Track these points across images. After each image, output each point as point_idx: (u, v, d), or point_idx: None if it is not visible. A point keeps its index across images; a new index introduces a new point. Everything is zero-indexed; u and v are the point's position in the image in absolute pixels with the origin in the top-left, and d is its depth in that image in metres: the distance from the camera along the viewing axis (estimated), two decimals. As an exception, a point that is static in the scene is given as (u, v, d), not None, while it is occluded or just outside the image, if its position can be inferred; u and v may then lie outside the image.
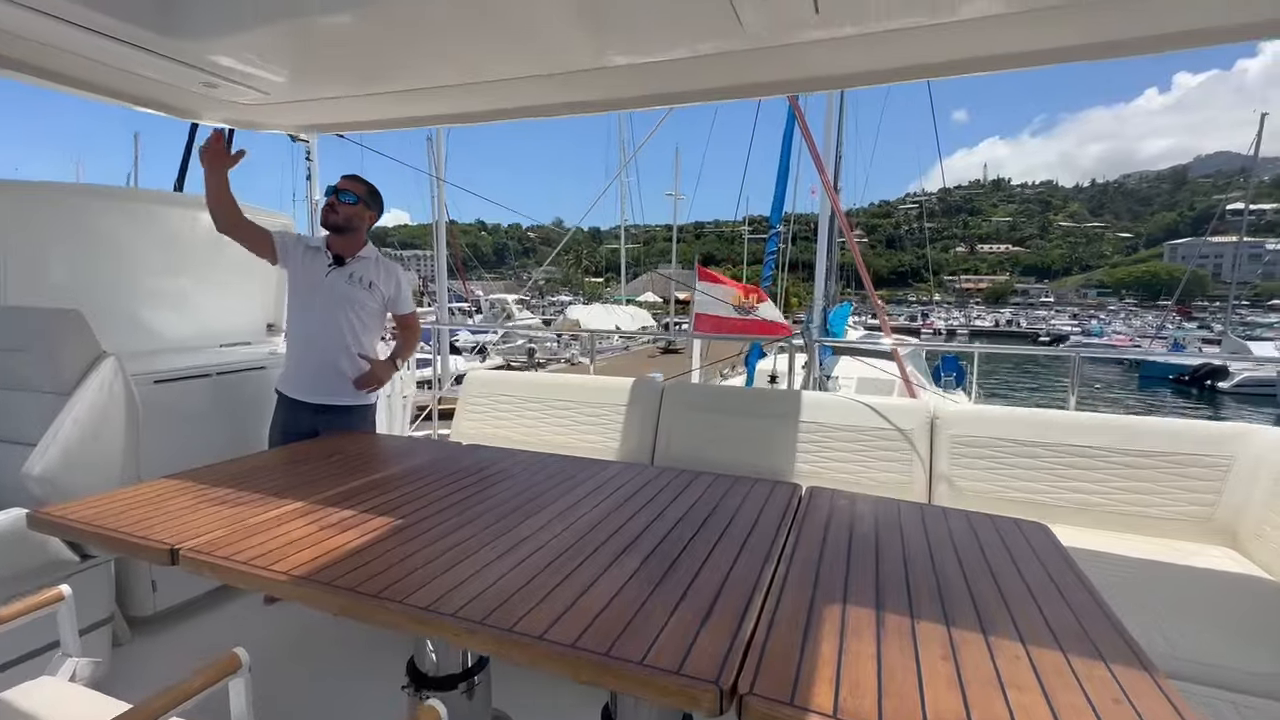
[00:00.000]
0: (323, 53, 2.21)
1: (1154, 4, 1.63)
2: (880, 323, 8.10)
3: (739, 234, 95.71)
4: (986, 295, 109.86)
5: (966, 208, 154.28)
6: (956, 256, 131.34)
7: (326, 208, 2.43)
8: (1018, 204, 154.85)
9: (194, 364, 2.62)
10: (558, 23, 1.88)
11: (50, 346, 1.95)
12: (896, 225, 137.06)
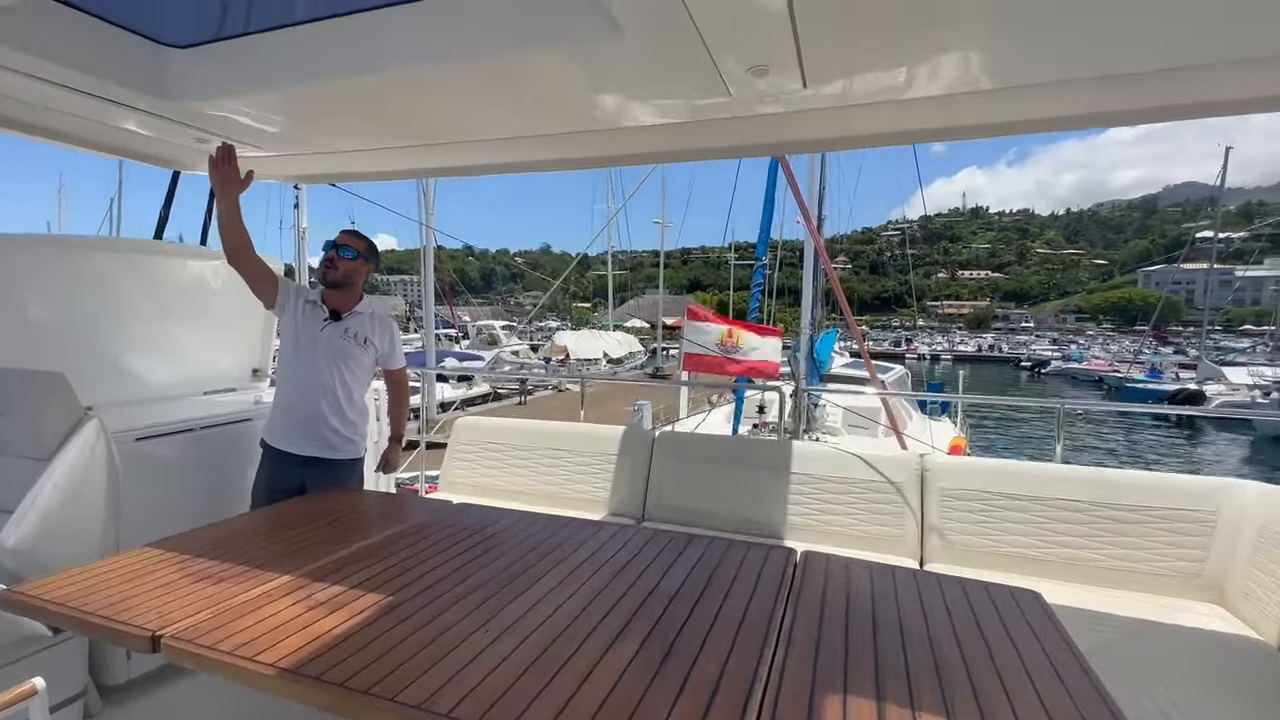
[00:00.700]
0: (316, 112, 2.24)
1: (1118, 83, 1.71)
2: (863, 358, 8.19)
3: (725, 260, 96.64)
4: (968, 320, 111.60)
5: (947, 235, 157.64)
6: (939, 282, 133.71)
7: (326, 264, 2.43)
8: (996, 231, 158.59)
9: (177, 418, 2.57)
10: (551, 91, 1.92)
11: (32, 410, 1.91)
12: (880, 251, 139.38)
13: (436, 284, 17.23)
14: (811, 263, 8.87)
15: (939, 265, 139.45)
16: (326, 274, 2.44)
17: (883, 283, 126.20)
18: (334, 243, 2.46)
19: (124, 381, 2.88)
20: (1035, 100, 1.84)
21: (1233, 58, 1.54)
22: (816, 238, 7.49)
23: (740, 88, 1.77)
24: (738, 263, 50.25)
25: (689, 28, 1.46)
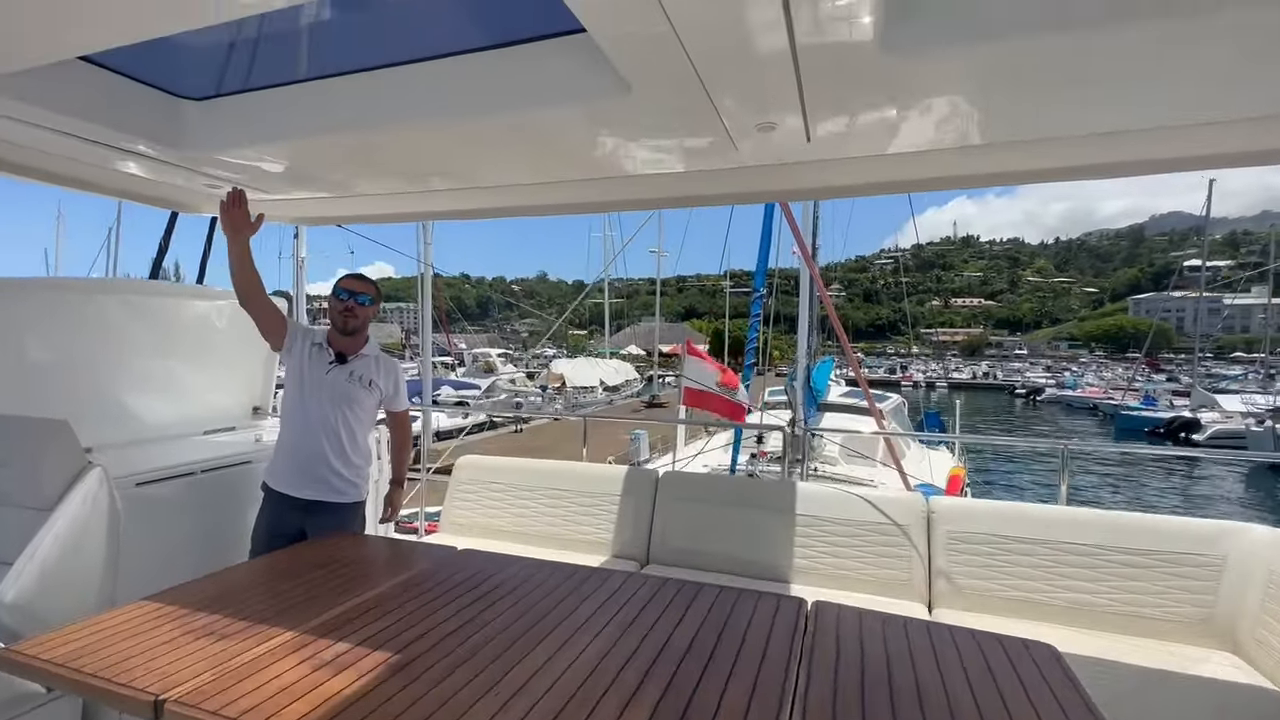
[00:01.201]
0: (324, 162, 2.28)
1: (1103, 139, 1.77)
2: (861, 388, 8.21)
3: (720, 288, 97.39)
4: (963, 347, 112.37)
5: (939, 263, 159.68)
6: (932, 310, 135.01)
7: (347, 313, 2.42)
8: (987, 260, 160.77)
9: (177, 461, 2.55)
10: (557, 144, 1.96)
11: (34, 460, 1.89)
12: (873, 280, 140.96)
13: (433, 312, 17.32)
14: (807, 293, 8.97)
15: (932, 293, 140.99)
16: (347, 322, 2.43)
17: (877, 310, 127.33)
18: (349, 291, 2.44)
19: (124, 422, 2.87)
20: (1025, 153, 1.90)
21: (1213, 119, 1.62)
22: (813, 267, 7.57)
23: (746, 142, 1.82)
24: (733, 290, 50.70)
25: (697, 87, 1.50)
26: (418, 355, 18.65)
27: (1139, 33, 1.24)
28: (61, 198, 37.24)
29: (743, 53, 1.33)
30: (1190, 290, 76.50)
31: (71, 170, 2.28)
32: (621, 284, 49.63)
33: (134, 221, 24.33)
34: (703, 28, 1.24)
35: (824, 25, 1.22)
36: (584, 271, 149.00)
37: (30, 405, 2.30)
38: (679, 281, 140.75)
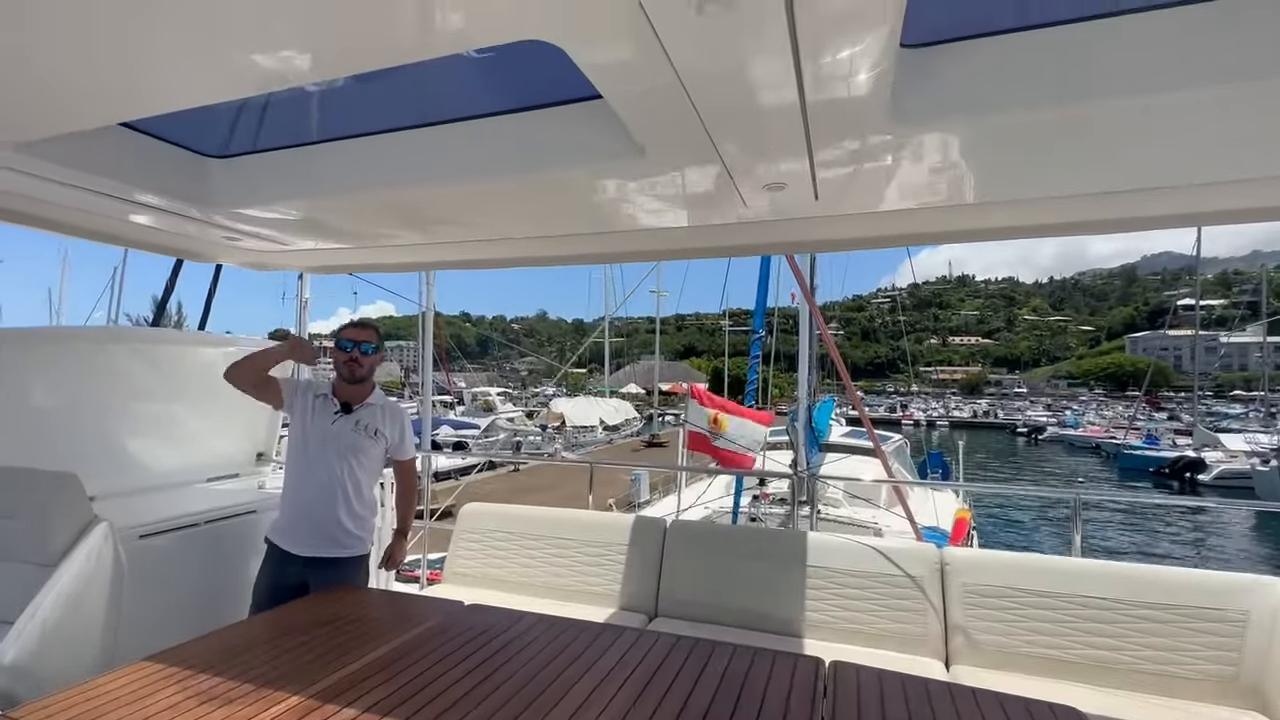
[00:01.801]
0: (343, 217, 2.33)
1: (1095, 198, 1.83)
2: (865, 428, 8.17)
3: (720, 326, 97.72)
4: (962, 386, 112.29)
5: (935, 302, 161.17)
6: (930, 348, 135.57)
7: (351, 362, 2.41)
8: (983, 299, 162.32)
9: (181, 511, 2.52)
10: (570, 201, 2.02)
11: (42, 514, 1.88)
12: (871, 319, 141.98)
13: (433, 350, 17.38)
14: (807, 332, 9.02)
15: (930, 332, 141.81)
16: (353, 372, 2.42)
17: (875, 349, 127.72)
18: (353, 341, 2.43)
19: (128, 469, 2.85)
20: (1021, 210, 1.97)
21: (1200, 180, 1.69)
22: (814, 306, 7.63)
23: (756, 201, 1.87)
24: (732, 329, 50.93)
25: (710, 151, 1.55)
26: (417, 394, 18.55)
27: (1129, 104, 1.30)
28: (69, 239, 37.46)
29: (756, 122, 1.39)
30: (1186, 328, 77.05)
31: (96, 224, 2.33)
32: (621, 322, 50.04)
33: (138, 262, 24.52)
34: (717, 96, 1.30)
35: (837, 101, 1.28)
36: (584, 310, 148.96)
37: (37, 453, 2.29)
38: (678, 320, 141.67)
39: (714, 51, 1.11)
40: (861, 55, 1.11)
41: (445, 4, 1.03)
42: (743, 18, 1.00)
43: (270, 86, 1.33)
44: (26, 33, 1.13)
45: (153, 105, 1.46)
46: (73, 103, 1.44)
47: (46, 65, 1.27)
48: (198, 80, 1.35)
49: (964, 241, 2.26)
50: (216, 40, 1.16)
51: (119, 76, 1.33)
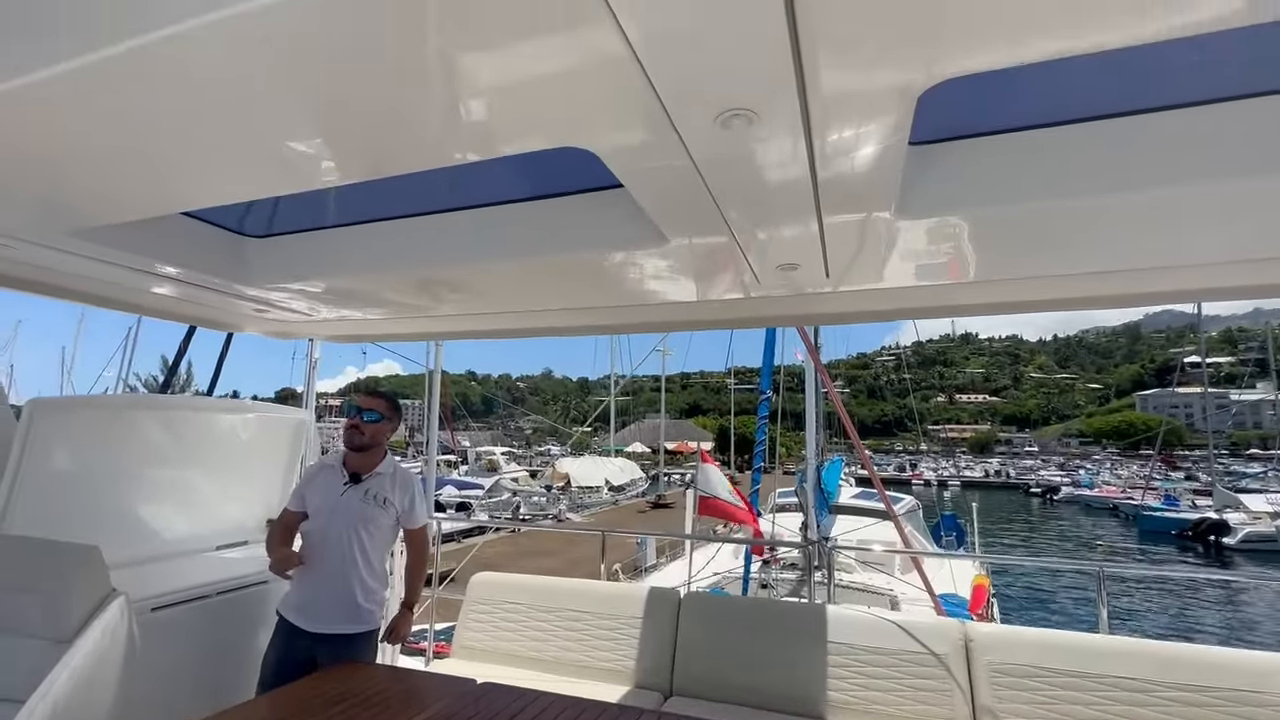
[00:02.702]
0: (369, 293, 2.43)
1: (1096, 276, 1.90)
2: (875, 488, 8.04)
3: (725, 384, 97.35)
4: (971, 444, 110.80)
5: (940, 359, 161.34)
6: (937, 406, 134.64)
7: (351, 429, 2.43)
8: (988, 356, 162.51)
9: (193, 583, 2.50)
10: (590, 280, 2.10)
11: (61, 588, 1.87)
12: (876, 376, 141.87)
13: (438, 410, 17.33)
14: (814, 392, 9.02)
15: (936, 389, 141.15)
16: (352, 438, 2.43)
17: (881, 407, 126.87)
18: (356, 406, 2.45)
19: (142, 537, 2.84)
20: (1024, 287, 2.05)
21: (1199, 261, 1.76)
22: (819, 365, 7.67)
23: (769, 280, 1.95)
24: (737, 387, 50.88)
25: (728, 237, 1.64)
26: (421, 453, 18.40)
27: (1128, 199, 1.38)
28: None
29: (772, 212, 1.47)
30: (1195, 386, 76.47)
31: (135, 298, 2.43)
32: (626, 380, 50.19)
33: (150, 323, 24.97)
34: (736, 190, 1.39)
35: (849, 193, 1.37)
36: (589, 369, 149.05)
37: (57, 520, 2.31)
38: (683, 378, 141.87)
39: (734, 154, 1.20)
40: (872, 155, 1.20)
41: (489, 117, 1.12)
42: (762, 128, 1.09)
43: (315, 185, 1.44)
44: (94, 133, 1.24)
45: (205, 200, 1.57)
46: (132, 196, 1.55)
47: (111, 163, 1.38)
48: (246, 178, 1.46)
49: (969, 315, 2.32)
50: (268, 145, 1.27)
51: (177, 174, 1.44)
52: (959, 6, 0.81)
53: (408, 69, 0.98)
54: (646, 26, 0.82)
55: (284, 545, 2.40)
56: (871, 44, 0.88)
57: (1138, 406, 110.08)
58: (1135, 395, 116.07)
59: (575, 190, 1.81)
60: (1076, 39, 0.88)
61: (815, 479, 8.07)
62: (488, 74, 0.98)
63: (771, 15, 0.79)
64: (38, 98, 1.08)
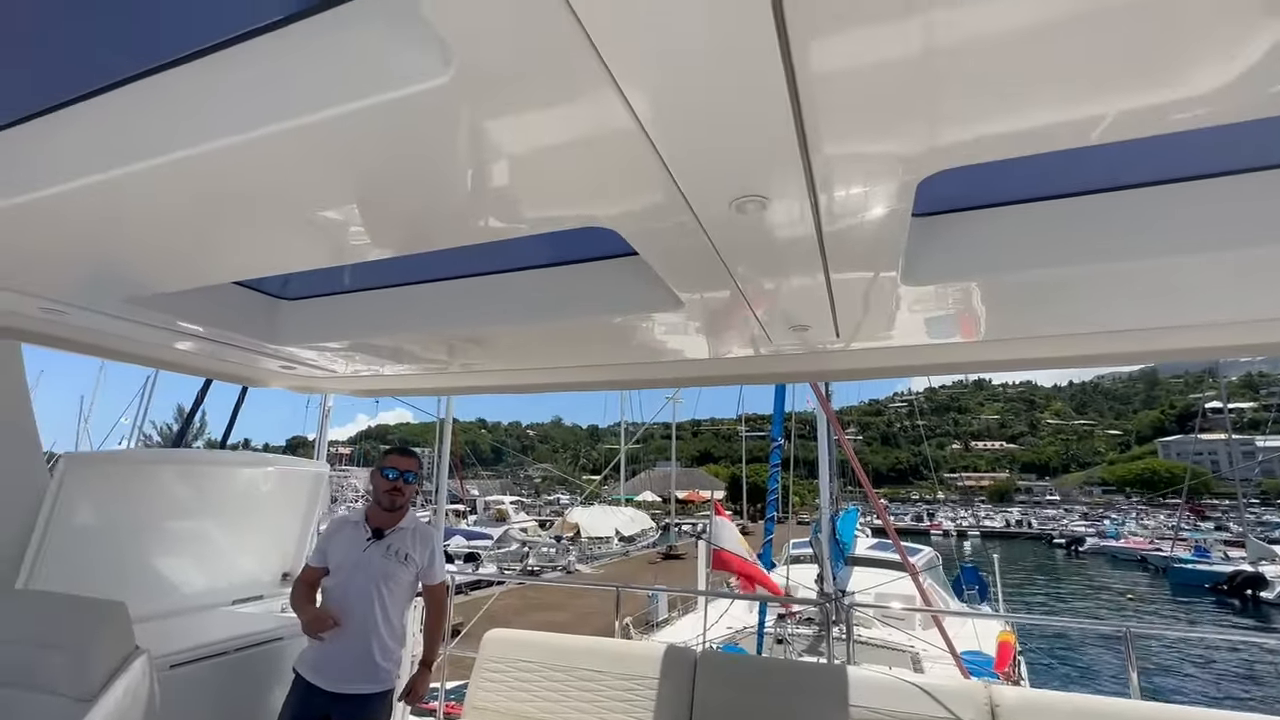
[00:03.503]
0: (392, 352, 2.52)
1: (1105, 335, 1.94)
2: (894, 545, 7.86)
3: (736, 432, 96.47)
4: (990, 493, 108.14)
5: (954, 406, 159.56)
6: (953, 453, 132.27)
7: (394, 493, 2.48)
8: (1002, 402, 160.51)
9: (212, 639, 2.51)
10: (609, 340, 2.18)
11: (86, 645, 1.89)
12: (889, 423, 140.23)
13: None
14: (826, 440, 8.93)
15: (950, 436, 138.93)
16: (394, 501, 2.48)
17: (896, 454, 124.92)
18: (396, 469, 2.51)
19: (162, 592, 2.86)
20: (1032, 346, 2.09)
21: (1210, 321, 1.79)
22: (830, 414, 7.65)
23: (781, 339, 2.02)
24: (749, 434, 50.42)
25: (740, 303, 1.72)
26: (429, 503, 18.32)
27: (1134, 265, 1.43)
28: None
29: (785, 281, 1.55)
30: (1218, 432, 74.73)
31: (169, 355, 2.53)
32: (635, 427, 50.01)
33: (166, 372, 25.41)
34: (751, 262, 1.46)
35: (856, 263, 1.44)
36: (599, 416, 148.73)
37: (83, 575, 2.35)
38: (694, 425, 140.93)
39: (747, 232, 1.29)
40: (877, 229, 1.28)
41: (521, 203, 1.22)
42: (773, 210, 1.18)
43: (352, 259, 1.54)
44: (156, 220, 1.35)
45: (251, 272, 1.68)
46: (186, 269, 1.66)
47: (168, 243, 1.49)
48: (291, 253, 1.56)
49: (982, 372, 2.36)
50: (314, 227, 1.38)
51: (228, 251, 1.55)
52: (954, 107, 0.89)
53: (440, 161, 1.08)
54: (658, 113, 0.90)
55: (308, 603, 2.41)
56: (873, 140, 0.97)
57: (1160, 453, 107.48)
58: (1157, 442, 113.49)
59: (593, 257, 1.90)
60: (1073, 137, 0.95)
61: (830, 529, 7.92)
62: (516, 164, 1.08)
63: (776, 103, 0.86)
64: (109, 192, 1.20)
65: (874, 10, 0.72)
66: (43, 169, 1.20)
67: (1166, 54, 0.78)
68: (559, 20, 0.73)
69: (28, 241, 1.46)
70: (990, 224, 1.50)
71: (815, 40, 0.76)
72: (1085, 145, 0.97)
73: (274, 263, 1.63)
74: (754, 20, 0.72)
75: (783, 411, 9.34)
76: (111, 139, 1.13)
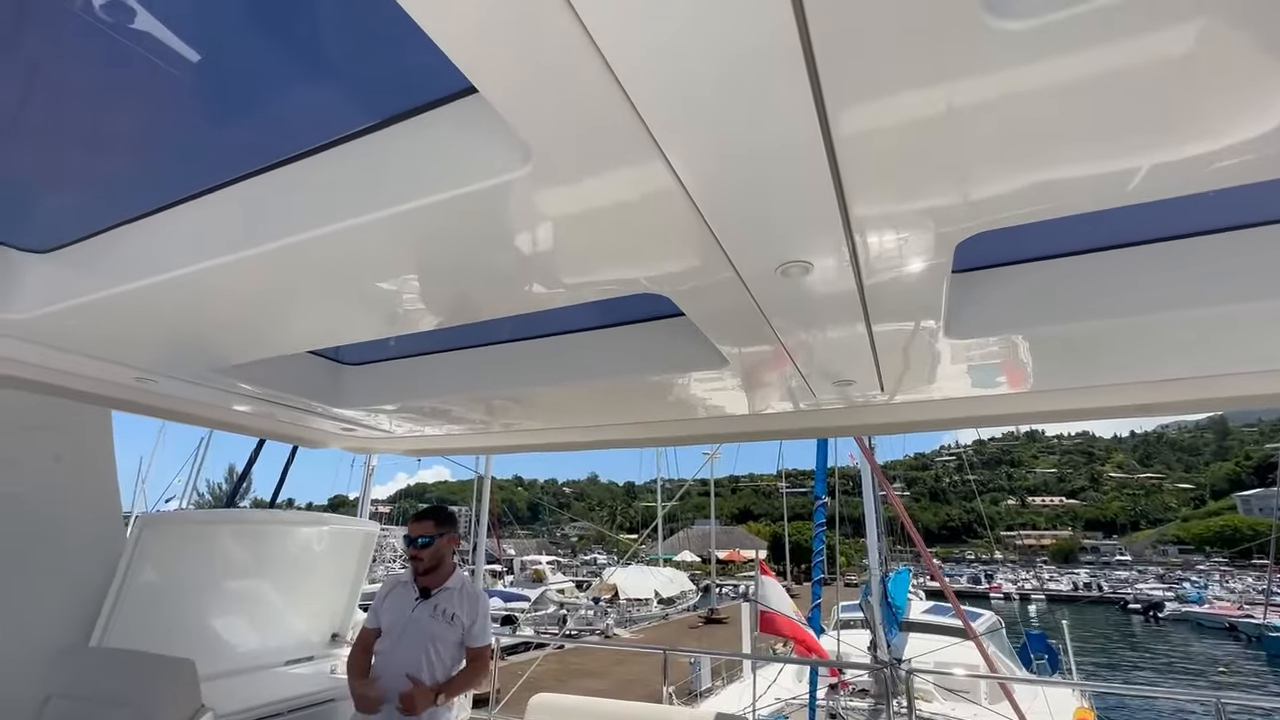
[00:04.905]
0: (445, 413, 2.63)
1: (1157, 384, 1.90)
2: (950, 602, 7.42)
3: (776, 488, 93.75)
4: (1052, 552, 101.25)
5: (1006, 459, 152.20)
6: (1009, 510, 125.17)
7: (412, 560, 2.56)
8: (1059, 455, 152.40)
9: (267, 699, 2.56)
10: (656, 398, 2.24)
11: (155, 702, 1.97)
12: (937, 478, 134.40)
13: (487, 519, 17.37)
14: (872, 496, 8.62)
15: (1005, 491, 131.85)
16: (415, 568, 2.56)
17: (946, 510, 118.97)
18: (409, 538, 2.59)
19: (221, 650, 2.93)
20: (1082, 397, 2.05)
21: (1264, 369, 1.75)
22: (876, 467, 7.43)
23: (825, 394, 2.05)
24: (789, 491, 49.02)
25: (784, 359, 1.76)
26: (466, 562, 18.16)
27: (1189, 314, 1.42)
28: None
29: (829, 342, 1.60)
30: (1304, 485, 68.93)
31: (240, 420, 2.70)
32: (672, 484, 49.15)
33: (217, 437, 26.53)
34: (795, 322, 1.52)
35: (900, 319, 1.49)
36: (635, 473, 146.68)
37: (151, 634, 2.44)
38: (732, 482, 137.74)
39: (792, 295, 1.35)
40: (917, 288, 1.33)
41: (574, 271, 1.32)
42: (817, 273, 1.24)
43: (416, 329, 1.66)
44: (243, 300, 1.50)
45: (324, 342, 1.83)
46: (266, 342, 1.81)
47: (252, 319, 1.64)
48: (361, 326, 1.70)
49: (1031, 423, 2.32)
50: (383, 303, 1.51)
51: (305, 325, 1.71)
52: (988, 173, 0.94)
53: (505, 239, 1.19)
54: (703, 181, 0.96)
55: (363, 673, 2.44)
56: (909, 201, 1.02)
57: (1239, 508, 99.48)
58: (1235, 496, 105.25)
59: (636, 319, 1.99)
60: (1106, 197, 0.99)
61: (881, 592, 7.52)
62: (574, 236, 1.17)
63: (815, 167, 0.91)
64: (202, 279, 1.35)
65: (907, 75, 0.75)
66: (148, 260, 1.36)
67: (1203, 108, 0.78)
68: (611, 96, 0.79)
69: (133, 321, 1.63)
70: (1032, 277, 1.52)
71: (849, 106, 0.79)
72: (1124, 203, 1.01)
73: (340, 334, 1.77)
74: (790, 86, 0.76)
75: (825, 467, 9.10)
76: (210, 234, 1.28)
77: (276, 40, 1.03)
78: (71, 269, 1.47)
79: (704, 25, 0.69)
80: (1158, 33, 0.69)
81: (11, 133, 1.22)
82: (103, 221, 1.41)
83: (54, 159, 1.33)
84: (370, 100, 1.10)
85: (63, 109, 1.17)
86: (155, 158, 1.32)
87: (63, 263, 1.49)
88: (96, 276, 1.43)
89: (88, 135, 1.25)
